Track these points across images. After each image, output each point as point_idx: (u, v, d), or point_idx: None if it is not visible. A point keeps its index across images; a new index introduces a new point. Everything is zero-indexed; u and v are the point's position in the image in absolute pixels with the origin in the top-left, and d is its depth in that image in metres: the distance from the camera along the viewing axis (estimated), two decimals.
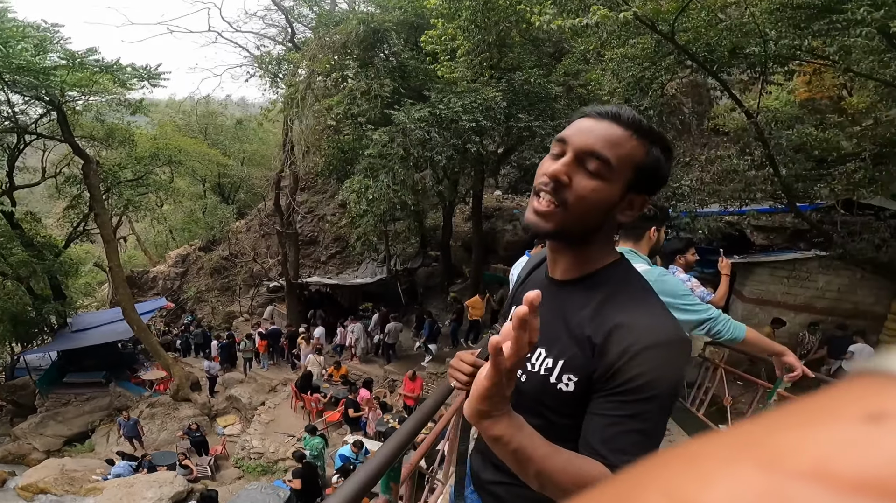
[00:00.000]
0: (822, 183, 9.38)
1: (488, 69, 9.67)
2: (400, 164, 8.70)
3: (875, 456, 0.13)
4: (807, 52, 8.04)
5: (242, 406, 11.44)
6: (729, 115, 12.52)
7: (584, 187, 0.77)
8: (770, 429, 0.15)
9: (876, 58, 8.42)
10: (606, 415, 0.77)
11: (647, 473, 0.16)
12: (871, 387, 0.15)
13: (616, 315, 0.79)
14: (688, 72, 9.70)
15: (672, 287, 1.93)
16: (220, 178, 22.57)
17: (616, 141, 0.77)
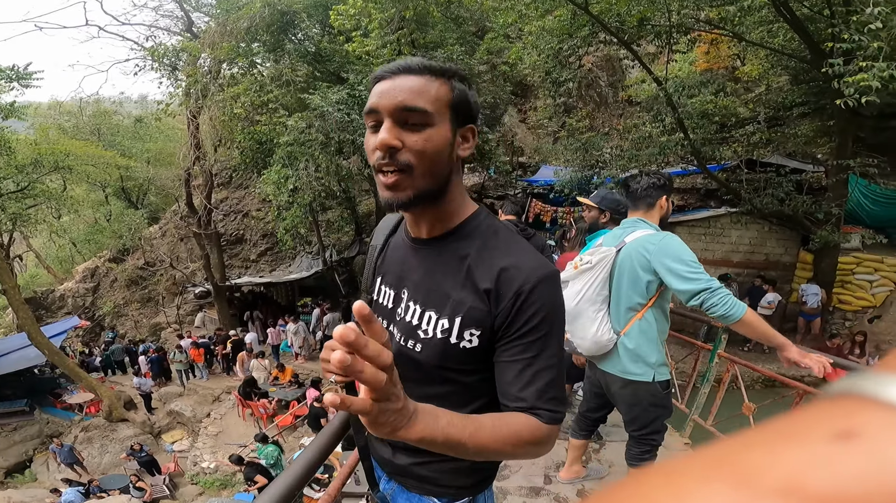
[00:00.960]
0: (726, 145, 10.18)
1: (407, 46, 9.46)
2: (321, 150, 8.38)
3: (844, 473, 0.13)
4: (705, 23, 8.53)
5: (187, 420, 10.95)
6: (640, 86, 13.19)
7: (416, 142, 0.76)
8: (743, 447, 0.16)
9: (765, 28, 9.17)
10: (517, 359, 0.78)
11: (627, 490, 0.17)
12: (841, 407, 0.16)
13: (499, 260, 0.80)
14: (601, 45, 10.02)
15: (676, 250, 1.89)
16: (123, 181, 20.53)
17: (420, 89, 0.76)
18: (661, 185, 2.09)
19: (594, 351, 2.14)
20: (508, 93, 12.21)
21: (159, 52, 11.16)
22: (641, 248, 1.98)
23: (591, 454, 2.95)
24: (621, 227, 2.17)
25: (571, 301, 2.10)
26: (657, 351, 2.06)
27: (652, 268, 1.94)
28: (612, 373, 2.13)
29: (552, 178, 10.08)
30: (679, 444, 3.12)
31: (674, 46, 9.23)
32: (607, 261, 2.08)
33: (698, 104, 10.74)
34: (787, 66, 10.29)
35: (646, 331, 2.04)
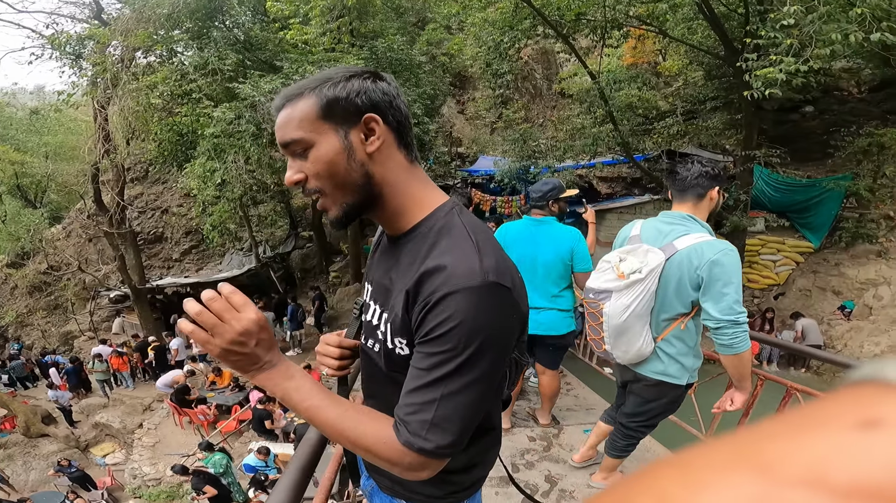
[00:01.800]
0: (648, 136, 10.85)
1: (347, 35, 9.17)
2: (252, 141, 7.93)
3: (868, 462, 0.13)
4: (635, 18, 8.97)
5: (116, 432, 10.22)
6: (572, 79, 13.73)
7: (309, 168, 0.76)
8: (763, 437, 0.15)
9: (686, 25, 9.83)
10: (415, 367, 0.73)
11: (641, 481, 0.16)
12: (865, 394, 0.15)
13: (428, 261, 0.73)
14: (539, 39, 10.27)
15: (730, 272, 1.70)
16: (18, 178, 18.22)
17: (286, 121, 0.76)
18: (714, 176, 1.86)
19: (634, 360, 2.01)
20: (447, 84, 12.17)
21: (60, 41, 9.93)
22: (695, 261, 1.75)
23: (552, 439, 3.02)
24: (667, 222, 1.90)
25: (619, 317, 1.91)
26: (694, 355, 1.97)
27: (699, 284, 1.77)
28: (643, 374, 2.02)
29: (491, 169, 10.21)
30: None
31: (606, 41, 9.64)
32: (658, 271, 1.85)
33: (624, 97, 11.40)
34: (702, 62, 11.09)
35: (685, 339, 1.93)
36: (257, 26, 9.65)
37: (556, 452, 2.87)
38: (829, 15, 5.75)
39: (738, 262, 1.74)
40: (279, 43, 9.20)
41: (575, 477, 2.59)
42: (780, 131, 10.44)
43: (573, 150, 10.02)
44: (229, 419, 8.99)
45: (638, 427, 2.17)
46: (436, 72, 11.68)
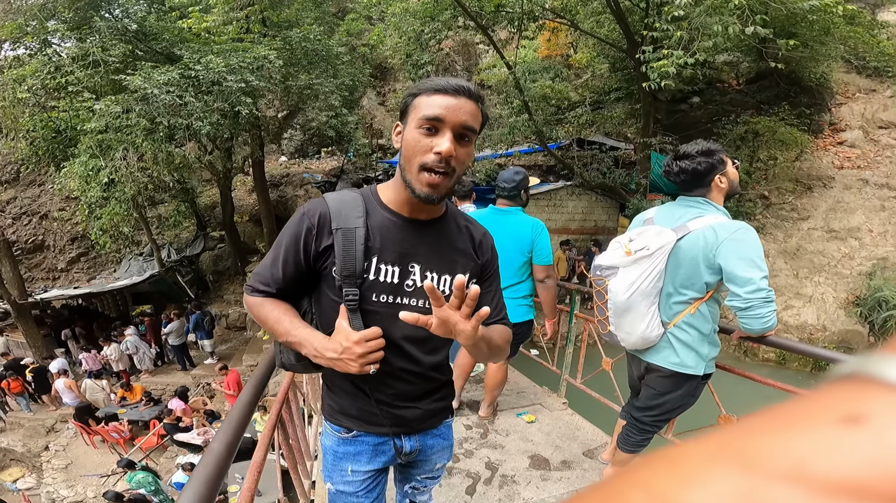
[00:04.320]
0: (560, 126, 11.39)
1: (258, 24, 8.61)
2: (145, 136, 7.21)
3: (852, 458, 0.13)
4: (550, 11, 9.30)
5: (21, 456, 9.28)
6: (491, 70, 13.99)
7: (463, 156, 0.96)
8: (749, 432, 0.16)
9: (595, 18, 10.36)
10: (491, 291, 1.15)
11: (631, 475, 0.17)
12: (848, 390, 0.15)
13: (476, 231, 1.13)
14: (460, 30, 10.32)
15: (748, 249, 1.68)
16: None
17: (476, 114, 0.95)
18: (708, 169, 1.78)
19: (640, 345, 1.95)
20: (368, 75, 11.90)
21: None
22: (710, 241, 1.72)
23: (488, 426, 3.03)
24: (683, 205, 1.86)
25: (623, 293, 1.86)
26: (710, 342, 1.89)
27: (717, 266, 1.71)
28: (657, 364, 1.94)
29: None
30: (558, 404, 3.31)
31: (523, 33, 9.90)
32: (667, 249, 1.80)
33: (539, 88, 11.84)
34: (608, 55, 11.78)
35: (699, 325, 1.85)
36: (153, 16, 8.82)
37: (493, 438, 2.89)
38: (713, 8, 6.28)
39: (756, 240, 1.69)
40: (178, 33, 8.43)
41: (514, 461, 2.64)
42: (673, 120, 11.44)
43: (491, 140, 10.22)
44: (148, 435, 8.37)
45: (653, 421, 2.08)
46: (356, 63, 11.39)
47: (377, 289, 1.01)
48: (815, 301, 8.16)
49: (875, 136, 8.92)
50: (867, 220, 7.96)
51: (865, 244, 7.91)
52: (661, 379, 1.97)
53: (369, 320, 1.00)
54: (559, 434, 2.91)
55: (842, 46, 9.53)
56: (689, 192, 1.85)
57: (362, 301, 1.00)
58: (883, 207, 7.95)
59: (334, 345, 0.96)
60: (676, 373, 1.91)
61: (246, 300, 1.08)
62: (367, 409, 1.12)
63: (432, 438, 1.22)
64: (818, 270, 8.19)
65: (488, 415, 3.10)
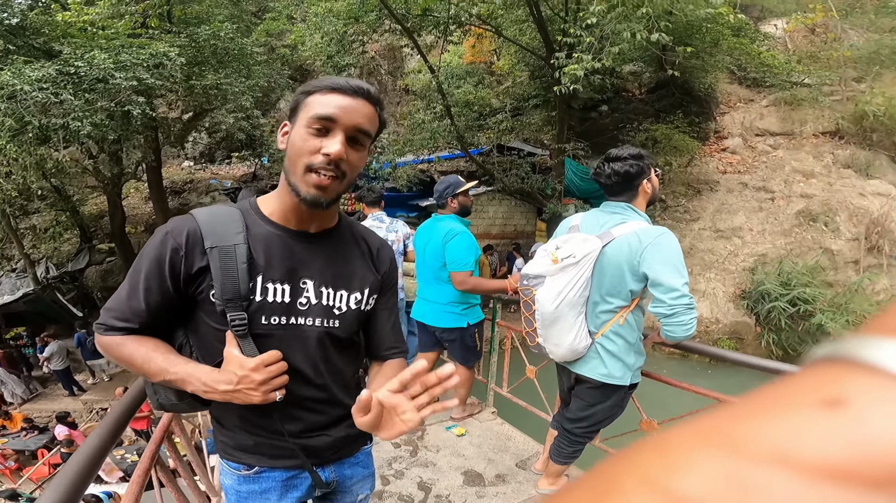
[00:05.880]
0: (482, 132, 11.56)
1: (157, 18, 7.93)
2: (10, 139, 6.38)
3: (833, 441, 0.13)
4: (476, 17, 9.38)
5: None
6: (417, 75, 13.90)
7: (356, 160, 0.91)
8: (733, 418, 0.16)
9: (518, 26, 10.63)
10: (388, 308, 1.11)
11: (623, 462, 0.17)
12: (828, 373, 0.16)
13: (373, 242, 1.09)
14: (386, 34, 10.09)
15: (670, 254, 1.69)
16: None
17: (372, 117, 0.92)
18: (637, 173, 1.80)
19: (569, 357, 1.93)
20: (286, 77, 11.30)
21: None
22: (634, 248, 1.73)
23: (416, 441, 2.92)
24: (607, 211, 1.89)
25: (550, 303, 1.81)
26: (636, 352, 1.91)
27: (642, 273, 1.72)
28: (586, 376, 1.93)
29: None
30: (487, 415, 3.26)
31: (449, 38, 9.89)
32: (593, 256, 1.79)
33: (463, 94, 11.98)
34: (528, 63, 12.16)
35: (625, 335, 1.86)
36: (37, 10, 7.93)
37: (424, 456, 2.77)
38: (623, 16, 6.65)
39: (677, 246, 1.72)
40: (60, 27, 7.60)
41: (448, 479, 2.54)
42: (584, 127, 12.06)
43: (413, 145, 10.10)
44: (37, 464, 7.61)
45: (584, 433, 2.10)
46: (273, 64, 10.81)
47: (267, 311, 0.93)
48: (707, 296, 8.95)
49: (752, 143, 10.02)
50: (748, 220, 8.89)
51: (747, 242, 8.81)
52: (590, 390, 1.97)
53: (263, 345, 0.91)
54: (491, 446, 2.87)
55: (728, 57, 10.61)
56: (617, 196, 1.85)
57: (251, 325, 0.91)
58: (760, 208, 8.92)
59: (227, 377, 0.87)
60: (605, 384, 1.91)
61: (99, 341, 0.94)
62: (270, 442, 1.01)
63: (350, 468, 1.14)
64: (709, 267, 8.99)
65: (463, 417, 3.14)
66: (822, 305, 7.81)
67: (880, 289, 7.65)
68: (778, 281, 8.21)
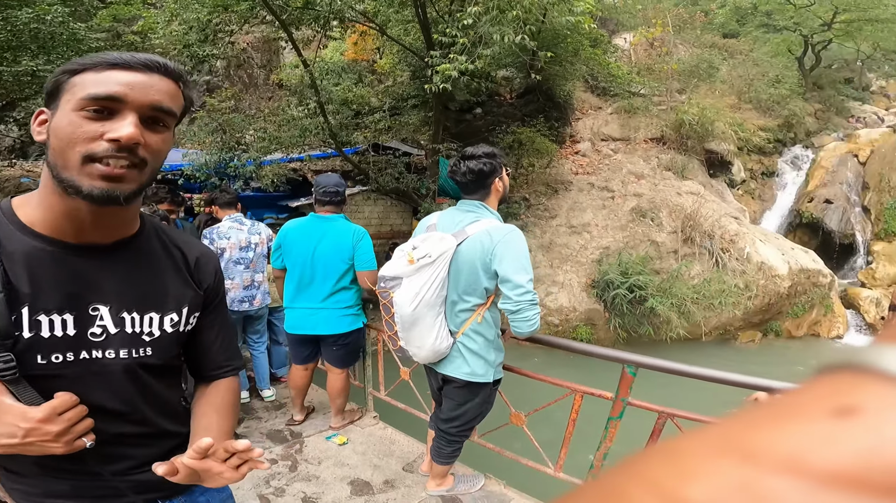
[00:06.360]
0: (359, 130, 11.49)
1: None
2: None
3: (845, 450, 0.13)
4: (361, 13, 9.18)
5: None
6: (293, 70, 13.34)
7: (158, 143, 0.77)
8: (745, 425, 0.16)
9: (403, 26, 10.61)
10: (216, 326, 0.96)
11: (630, 470, 0.17)
12: (841, 382, 0.16)
13: (191, 251, 0.93)
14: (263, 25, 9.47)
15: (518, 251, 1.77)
16: None
17: (175, 94, 0.79)
18: (491, 171, 1.88)
19: (432, 359, 1.95)
20: None
21: None
22: (486, 245, 1.78)
23: (295, 455, 2.78)
24: (462, 210, 1.94)
25: (408, 305, 1.81)
26: (496, 348, 1.96)
27: (493, 270, 1.78)
28: (451, 375, 1.97)
29: (181, 163, 9.00)
30: (369, 420, 3.16)
31: (329, 33, 9.56)
32: (448, 255, 1.82)
33: (341, 91, 11.76)
34: (410, 63, 12.27)
35: (484, 332, 1.90)
36: None
37: (305, 469, 2.63)
38: (496, 19, 6.92)
39: (524, 243, 1.79)
40: None
41: (334, 491, 2.44)
42: (459, 129, 12.56)
43: (280, 142, 9.72)
44: None
45: (459, 432, 2.14)
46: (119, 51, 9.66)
47: (43, 349, 0.76)
48: (565, 286, 9.85)
49: (599, 147, 11.21)
50: (594, 217, 9.93)
51: (594, 236, 9.85)
52: (458, 389, 2.02)
53: (50, 387, 0.75)
54: (375, 452, 2.82)
55: (584, 67, 11.68)
56: (471, 194, 1.93)
57: (24, 366, 0.74)
58: (604, 206, 10.02)
59: (9, 430, 0.71)
60: (470, 383, 1.96)
61: None
62: (93, 484, 0.85)
63: (202, 495, 1.00)
64: (565, 260, 9.90)
65: (343, 425, 3.03)
66: (653, 290, 9.00)
67: (695, 275, 9.02)
68: (618, 270, 9.29)
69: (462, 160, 1.95)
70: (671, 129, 10.39)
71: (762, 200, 11.12)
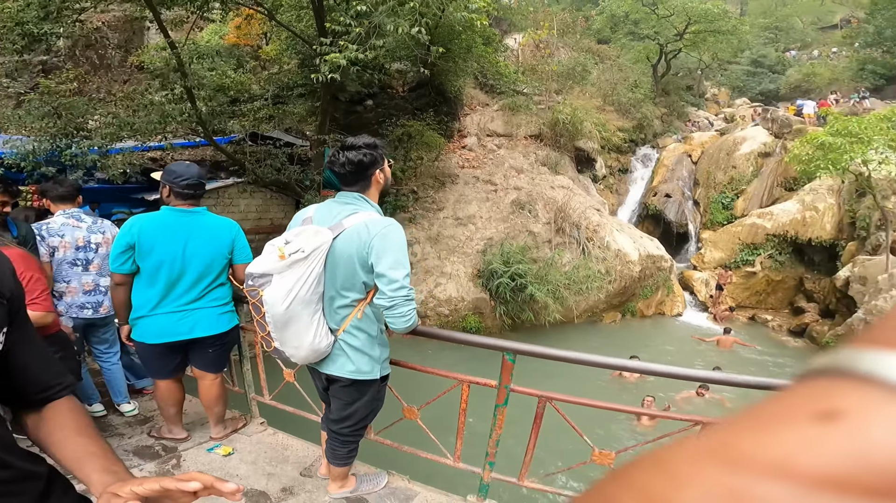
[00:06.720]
0: (235, 119, 10.66)
1: None
2: None
3: (833, 453, 0.14)
4: None
5: None
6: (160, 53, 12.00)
7: None
8: (733, 432, 0.16)
9: (295, 12, 9.94)
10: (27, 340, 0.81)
11: (620, 480, 0.17)
12: (824, 386, 0.16)
13: None
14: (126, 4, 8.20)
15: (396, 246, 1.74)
16: None
17: None
18: (371, 162, 1.82)
19: (312, 358, 1.86)
20: None
21: None
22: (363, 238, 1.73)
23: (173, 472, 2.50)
24: (340, 202, 1.87)
25: (281, 303, 1.71)
26: (380, 344, 1.92)
27: (370, 264, 1.73)
28: (336, 375, 1.89)
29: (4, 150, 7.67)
30: (255, 427, 2.94)
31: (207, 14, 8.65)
32: (324, 249, 1.74)
33: (216, 77, 10.80)
34: (300, 51, 11.64)
35: (366, 328, 1.85)
36: None
37: None
38: (392, 9, 6.73)
39: (402, 237, 1.75)
40: None
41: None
42: (349, 120, 12.24)
43: (134, 129, 8.65)
44: None
45: (352, 431, 2.06)
46: None
47: None
48: (454, 277, 10.05)
49: (484, 142, 11.61)
50: (479, 209, 10.26)
51: (479, 228, 10.17)
52: (344, 388, 1.95)
53: None
54: (267, 459, 2.63)
55: (475, 64, 11.95)
56: (351, 186, 1.87)
57: None
58: (488, 199, 10.39)
59: None
60: (356, 381, 1.90)
61: None
62: None
63: None
64: (452, 251, 10.10)
65: (226, 434, 2.79)
66: (531, 278, 9.52)
67: (566, 262, 9.70)
68: (501, 260, 9.70)
69: (341, 150, 1.89)
70: (548, 127, 11.06)
71: (618, 194, 12.43)
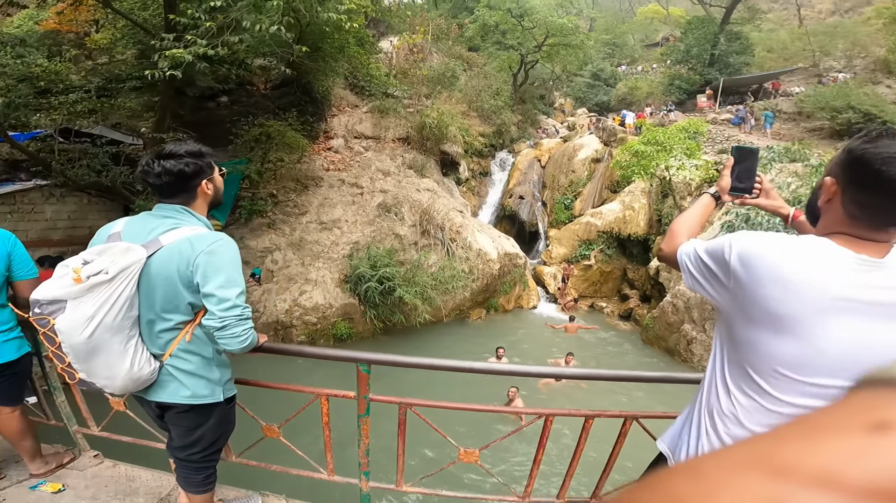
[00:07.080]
0: (43, 112, 8.97)
1: None
2: None
3: (881, 464, 0.13)
4: None
5: None
6: None
7: None
8: (777, 441, 0.16)
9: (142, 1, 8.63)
10: None
11: (654, 488, 0.17)
12: (873, 398, 0.16)
13: None
14: None
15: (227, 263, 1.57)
16: None
17: None
18: (195, 172, 1.61)
19: (132, 388, 1.64)
20: None
21: None
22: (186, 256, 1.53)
23: None
24: (157, 215, 1.64)
25: (79, 333, 1.47)
26: (219, 365, 1.74)
27: (196, 283, 1.55)
28: (168, 402, 1.69)
29: None
30: (88, 460, 2.61)
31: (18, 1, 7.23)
32: (135, 269, 1.53)
33: (22, 67, 9.15)
34: (139, 40, 10.18)
35: (199, 350, 1.67)
36: None
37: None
38: (254, 5, 6.21)
39: (234, 253, 1.60)
40: None
41: None
42: (197, 117, 11.04)
43: None
44: None
45: (204, 457, 1.87)
46: None
47: None
48: (319, 284, 9.48)
49: (351, 144, 11.26)
50: (344, 213, 9.85)
51: (345, 232, 9.75)
52: (182, 415, 1.76)
53: None
54: (111, 493, 2.38)
55: (347, 65, 11.49)
56: (171, 198, 1.66)
57: None
58: (354, 202, 10.03)
59: None
60: (196, 406, 1.73)
61: None
62: None
63: None
64: (317, 257, 9.53)
65: (49, 470, 2.45)
66: (399, 281, 9.35)
67: (432, 263, 9.72)
68: (368, 264, 9.39)
69: (157, 159, 1.64)
70: (415, 130, 11.09)
71: (480, 196, 13.11)
